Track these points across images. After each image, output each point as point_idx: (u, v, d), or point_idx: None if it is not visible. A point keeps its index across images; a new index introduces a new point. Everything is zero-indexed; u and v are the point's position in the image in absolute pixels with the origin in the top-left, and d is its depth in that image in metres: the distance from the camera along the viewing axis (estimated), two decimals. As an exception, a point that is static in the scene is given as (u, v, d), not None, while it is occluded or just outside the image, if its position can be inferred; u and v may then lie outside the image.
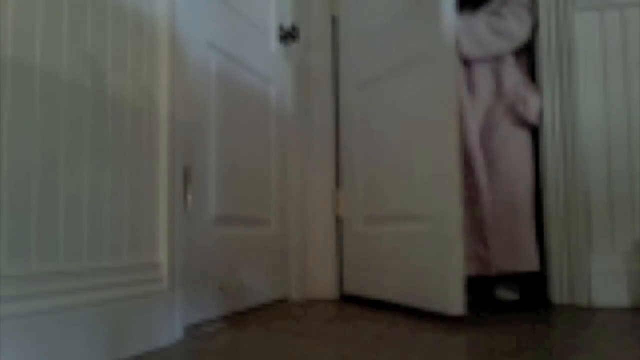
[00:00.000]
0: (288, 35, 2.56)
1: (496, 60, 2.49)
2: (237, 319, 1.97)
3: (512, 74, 2.46)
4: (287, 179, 2.58)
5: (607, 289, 2.28)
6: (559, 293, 2.33)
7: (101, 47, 1.37)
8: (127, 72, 1.46)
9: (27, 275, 1.13)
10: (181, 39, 1.68)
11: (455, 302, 1.88)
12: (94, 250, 1.32)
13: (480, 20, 2.48)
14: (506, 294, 2.41)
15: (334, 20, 2.74)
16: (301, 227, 2.63)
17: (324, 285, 2.64)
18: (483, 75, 2.49)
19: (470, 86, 2.49)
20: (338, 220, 2.66)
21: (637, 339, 1.73)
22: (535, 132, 2.45)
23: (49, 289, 1.17)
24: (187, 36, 1.73)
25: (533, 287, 2.41)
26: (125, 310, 1.40)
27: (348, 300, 2.48)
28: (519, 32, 2.45)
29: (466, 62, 2.50)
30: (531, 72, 2.50)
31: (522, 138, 2.44)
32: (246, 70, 2.24)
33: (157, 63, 1.59)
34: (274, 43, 2.50)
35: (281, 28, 2.54)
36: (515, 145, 2.42)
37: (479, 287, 2.44)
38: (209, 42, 1.96)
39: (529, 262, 2.35)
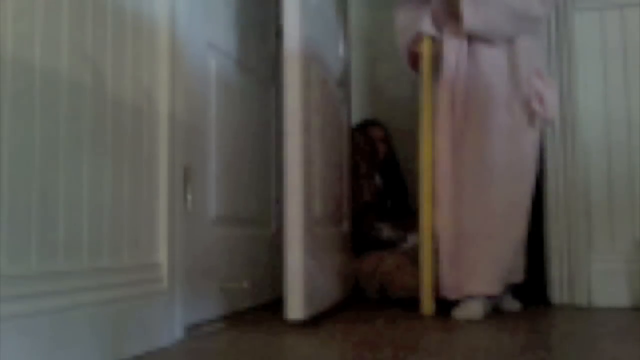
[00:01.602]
0: (288, 35, 2.55)
1: (509, 39, 2.08)
2: (237, 319, 1.97)
3: (527, 59, 2.08)
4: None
5: (607, 289, 2.28)
6: (559, 293, 2.33)
7: (101, 47, 1.37)
8: (127, 72, 1.46)
9: (27, 275, 1.13)
10: (181, 38, 1.68)
11: (295, 307, 1.84)
12: (94, 250, 1.32)
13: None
14: (510, 304, 2.19)
15: (334, 20, 2.74)
16: (301, 227, 2.62)
17: (324, 285, 2.63)
18: (494, 61, 2.08)
19: (477, 74, 2.07)
20: (338, 220, 2.66)
21: (637, 339, 1.73)
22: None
23: (49, 289, 1.17)
24: (187, 36, 1.73)
25: (533, 290, 2.30)
26: (126, 310, 1.39)
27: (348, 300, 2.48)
28: (541, 11, 2.07)
29: (470, 40, 2.07)
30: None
31: (534, 142, 2.12)
32: (246, 70, 2.24)
33: (157, 63, 1.59)
34: (274, 43, 2.50)
35: (281, 28, 2.54)
36: (525, 150, 2.09)
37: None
38: (209, 42, 1.95)
39: (515, 275, 2.12)
